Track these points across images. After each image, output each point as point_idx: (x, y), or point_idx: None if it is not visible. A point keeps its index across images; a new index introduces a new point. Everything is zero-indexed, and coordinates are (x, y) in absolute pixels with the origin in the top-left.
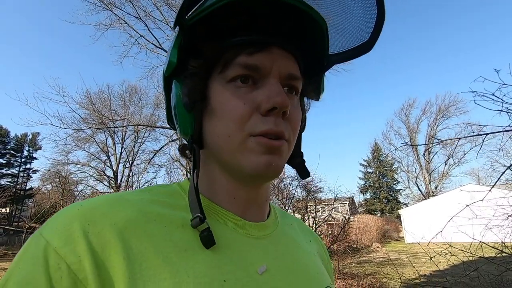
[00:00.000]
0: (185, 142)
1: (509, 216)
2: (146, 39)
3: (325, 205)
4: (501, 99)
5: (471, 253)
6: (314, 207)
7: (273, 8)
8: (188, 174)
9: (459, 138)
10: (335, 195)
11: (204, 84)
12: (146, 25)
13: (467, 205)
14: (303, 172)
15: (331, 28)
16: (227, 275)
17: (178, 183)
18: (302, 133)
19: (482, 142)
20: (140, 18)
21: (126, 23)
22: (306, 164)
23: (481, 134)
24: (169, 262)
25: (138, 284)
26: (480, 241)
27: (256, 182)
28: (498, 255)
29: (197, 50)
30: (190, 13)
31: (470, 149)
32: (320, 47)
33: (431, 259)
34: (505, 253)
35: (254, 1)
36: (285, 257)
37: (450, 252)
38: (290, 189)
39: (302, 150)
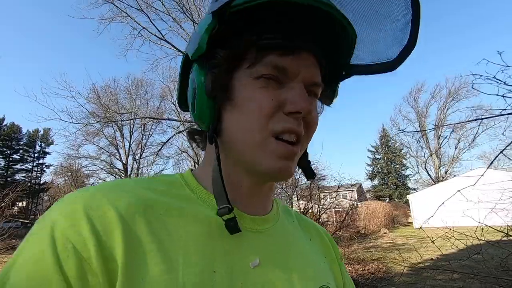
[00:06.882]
0: (195, 127)
1: None
2: (148, 31)
3: (330, 192)
4: (504, 82)
5: (476, 237)
6: (318, 194)
7: (308, 13)
8: (196, 165)
9: (455, 124)
10: (339, 182)
11: (230, 76)
12: (148, 17)
13: (458, 190)
14: (309, 173)
15: (358, 39)
16: (217, 266)
17: (180, 173)
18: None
19: (477, 128)
20: (142, 10)
21: (128, 15)
22: (310, 152)
23: (477, 119)
24: (162, 249)
25: (133, 267)
26: (485, 225)
27: (267, 181)
28: (503, 238)
29: (228, 40)
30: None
31: (482, 131)
32: (344, 57)
33: (433, 242)
34: (511, 235)
35: (293, 4)
36: (280, 253)
37: (453, 236)
38: (296, 177)
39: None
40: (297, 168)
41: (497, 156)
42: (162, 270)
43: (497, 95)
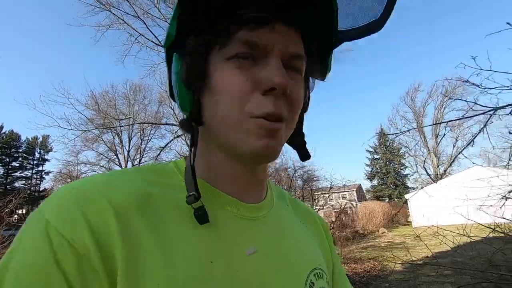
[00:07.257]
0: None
1: (504, 196)
2: (145, 37)
3: (326, 193)
4: (479, 85)
5: (466, 234)
6: (311, 194)
7: None
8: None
9: (436, 123)
10: (330, 183)
11: (203, 61)
12: (145, 23)
13: (422, 187)
14: (303, 153)
15: (341, 4)
16: (214, 256)
17: (174, 161)
18: (305, 113)
19: (447, 129)
20: (139, 17)
21: (125, 22)
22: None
23: (445, 122)
24: (160, 243)
25: (132, 262)
26: (474, 221)
27: (252, 163)
28: (491, 235)
29: (196, 23)
30: None
31: (480, 131)
32: (328, 24)
33: (418, 236)
34: (499, 231)
35: None
36: (276, 239)
37: (437, 233)
38: (292, 178)
39: (303, 131)
40: (294, 169)
41: (456, 156)
42: (161, 264)
43: (460, 99)
